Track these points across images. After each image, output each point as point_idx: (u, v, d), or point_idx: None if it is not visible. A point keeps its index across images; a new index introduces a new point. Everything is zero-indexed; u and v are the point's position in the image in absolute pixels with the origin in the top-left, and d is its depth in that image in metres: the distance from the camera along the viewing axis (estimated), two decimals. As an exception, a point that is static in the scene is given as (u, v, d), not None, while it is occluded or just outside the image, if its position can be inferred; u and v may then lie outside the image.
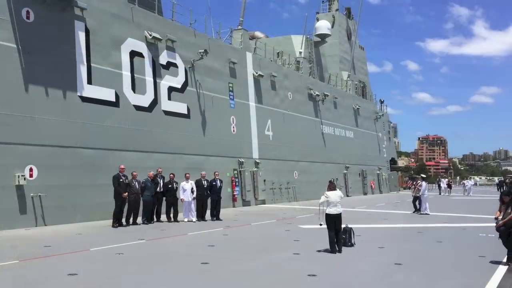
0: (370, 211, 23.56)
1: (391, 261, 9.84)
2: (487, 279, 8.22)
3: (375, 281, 8.21)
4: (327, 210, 10.94)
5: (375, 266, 9.54)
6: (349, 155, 40.56)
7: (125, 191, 15.60)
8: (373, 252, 11.21)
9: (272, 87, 30.46)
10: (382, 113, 51.38)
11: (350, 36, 49.25)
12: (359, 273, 8.83)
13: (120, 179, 15.65)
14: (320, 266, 9.32)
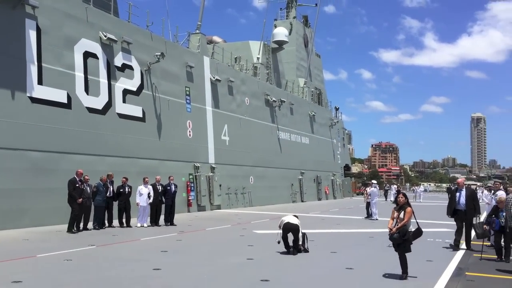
0: (324, 217, 23.90)
1: (342, 266, 10.01)
2: (433, 283, 8.50)
3: (326, 285, 8.33)
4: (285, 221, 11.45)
5: (327, 270, 9.68)
6: (304, 161, 41.06)
7: (80, 197, 15.08)
8: (326, 257, 11.38)
9: (229, 92, 30.47)
10: (337, 120, 52.39)
11: (307, 44, 50.01)
12: (312, 278, 8.93)
13: (76, 184, 15.16)
14: (273, 271, 9.37)
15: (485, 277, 9.13)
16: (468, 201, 12.49)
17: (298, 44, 48.00)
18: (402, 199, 8.99)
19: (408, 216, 8.73)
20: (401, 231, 8.71)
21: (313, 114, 44.38)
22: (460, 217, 12.68)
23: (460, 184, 13.13)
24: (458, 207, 12.66)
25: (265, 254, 11.39)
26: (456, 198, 12.71)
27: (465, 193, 12.66)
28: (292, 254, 11.24)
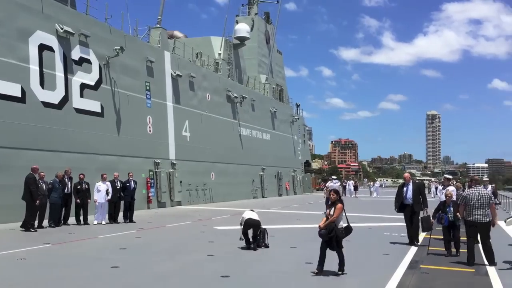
0: (284, 212, 24.13)
1: (302, 260, 10.15)
2: (390, 275, 8.74)
3: (286, 280, 8.43)
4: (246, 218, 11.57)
5: (287, 265, 9.79)
6: (265, 157, 41.28)
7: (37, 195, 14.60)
8: (286, 252, 11.50)
9: (190, 87, 30.24)
10: (298, 116, 52.92)
11: (268, 40, 50.20)
12: (272, 273, 9.01)
13: (36, 180, 14.67)
14: (234, 267, 9.40)
15: (439, 269, 9.45)
16: (415, 195, 12.54)
17: (260, 41, 48.13)
18: (334, 196, 8.86)
19: (338, 212, 8.61)
20: (328, 227, 8.59)
21: (274, 110, 44.65)
22: (407, 212, 12.74)
23: (407, 178, 13.10)
24: (405, 201, 12.69)
25: (226, 250, 11.41)
26: (404, 193, 12.73)
27: (412, 187, 12.67)
28: (252, 249, 11.32)
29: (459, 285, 8.28)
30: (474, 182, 10.87)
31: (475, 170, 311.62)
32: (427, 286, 8.16)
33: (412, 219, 12.60)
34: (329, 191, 9.40)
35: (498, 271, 9.32)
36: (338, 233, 8.62)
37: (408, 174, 13.68)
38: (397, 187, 13.90)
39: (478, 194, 10.12)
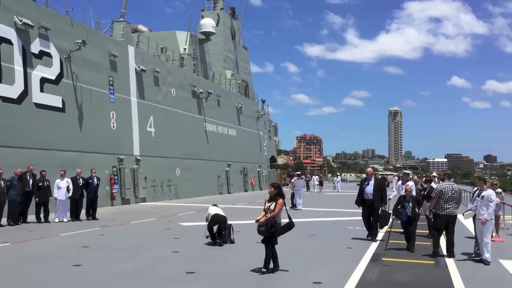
0: (250, 208, 24.20)
1: (267, 256, 10.21)
2: (353, 268, 8.92)
3: (252, 275, 8.47)
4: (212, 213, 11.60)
5: (253, 261, 9.81)
6: (231, 153, 41.24)
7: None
8: (252, 247, 11.53)
9: (155, 82, 29.85)
10: (263, 112, 53.05)
11: (234, 36, 50.06)
12: (238, 269, 9.03)
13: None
14: (199, 263, 9.38)
15: (400, 262, 9.71)
16: (376, 191, 12.44)
17: (226, 36, 47.94)
18: (271, 189, 8.59)
19: (279, 208, 8.38)
20: (268, 223, 8.34)
21: (240, 106, 44.63)
22: (367, 207, 12.68)
23: (369, 173, 12.95)
24: (365, 196, 12.59)
25: (191, 247, 11.36)
26: (364, 188, 12.67)
27: (373, 183, 12.59)
28: (218, 245, 11.33)
29: (419, 276, 8.52)
30: (448, 176, 11.17)
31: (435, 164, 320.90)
32: (388, 278, 8.37)
33: (372, 214, 12.53)
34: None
35: (456, 263, 9.66)
36: (278, 229, 8.40)
37: (371, 169, 13.44)
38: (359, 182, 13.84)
39: (452, 188, 10.48)
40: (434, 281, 8.24)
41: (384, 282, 8.08)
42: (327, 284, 7.80)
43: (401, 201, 11.27)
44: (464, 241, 12.08)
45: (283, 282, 8.11)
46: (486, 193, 9.87)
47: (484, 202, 9.79)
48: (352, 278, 8.14)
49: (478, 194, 10.13)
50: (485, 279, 8.46)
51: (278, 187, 8.67)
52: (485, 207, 9.77)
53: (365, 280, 8.12)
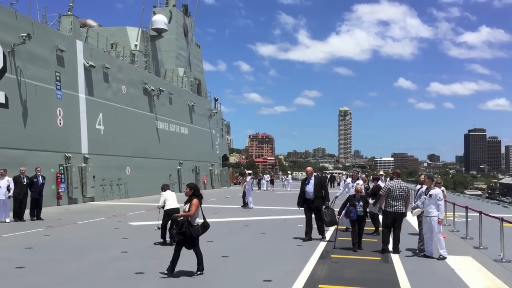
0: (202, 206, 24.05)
1: (218, 254, 10.23)
2: (303, 266, 9.07)
3: (203, 275, 8.44)
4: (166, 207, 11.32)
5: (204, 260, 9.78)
6: (183, 151, 40.88)
7: None
8: (202, 246, 11.40)
9: (104, 79, 29.14)
10: (216, 110, 52.91)
11: (187, 33, 49.60)
12: (188, 268, 8.96)
13: None
14: (149, 263, 9.26)
15: (348, 258, 9.95)
16: (316, 189, 12.24)
17: (178, 33, 47.40)
18: (187, 190, 8.41)
19: (194, 208, 8.17)
20: (178, 224, 8.10)
21: (192, 104, 44.29)
22: (309, 207, 12.39)
23: (308, 172, 12.70)
24: (307, 196, 12.36)
25: (141, 246, 11.20)
26: (305, 188, 12.42)
27: (313, 181, 12.35)
28: (169, 245, 11.11)
29: (366, 272, 8.78)
30: (396, 175, 11.55)
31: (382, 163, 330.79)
32: (337, 275, 8.57)
33: (314, 214, 12.31)
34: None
35: (401, 258, 10.01)
36: (192, 230, 8.12)
37: (311, 168, 13.11)
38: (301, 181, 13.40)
39: (399, 186, 10.83)
40: (380, 276, 8.51)
41: (333, 278, 8.26)
42: (277, 282, 7.90)
43: (351, 200, 11.28)
44: (408, 237, 12.53)
45: (233, 280, 8.14)
46: (434, 191, 10.27)
47: (432, 200, 10.19)
48: (302, 276, 8.28)
49: (426, 192, 10.51)
50: (428, 274, 8.81)
51: (194, 188, 8.51)
52: (433, 205, 10.16)
53: (314, 277, 8.27)
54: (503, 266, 9.43)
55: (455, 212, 15.36)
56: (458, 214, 15.40)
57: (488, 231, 11.62)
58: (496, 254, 10.24)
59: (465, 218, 13.85)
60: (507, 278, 8.35)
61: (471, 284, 7.93)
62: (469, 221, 13.61)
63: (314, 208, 12.27)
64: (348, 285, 7.78)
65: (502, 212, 19.79)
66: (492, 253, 10.56)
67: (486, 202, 33.40)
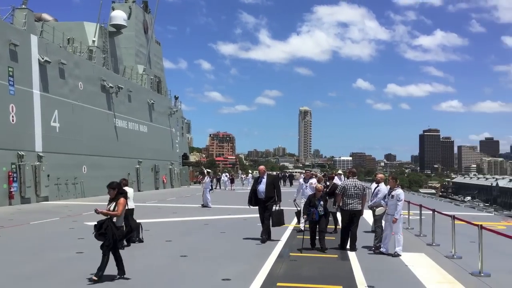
0: (160, 206, 23.83)
1: (177, 254, 10.15)
2: (261, 264, 9.12)
3: (160, 275, 8.36)
4: None
5: (161, 260, 9.70)
6: (142, 150, 40.27)
7: None
8: (161, 246, 11.39)
9: (60, 75, 28.32)
10: (176, 109, 52.38)
11: (146, 30, 48.85)
12: (145, 268, 8.86)
13: None
14: (105, 264, 9.06)
15: (306, 257, 10.07)
16: (268, 188, 11.91)
17: (138, 30, 46.61)
18: (111, 191, 7.90)
19: (121, 207, 7.71)
20: (97, 224, 7.55)
21: (152, 102, 43.69)
22: (261, 206, 12.06)
23: (261, 171, 12.39)
24: (259, 195, 11.99)
25: (97, 247, 10.92)
26: (257, 187, 12.09)
27: (265, 180, 12.03)
28: (126, 245, 10.90)
29: (324, 270, 8.91)
30: (352, 174, 11.78)
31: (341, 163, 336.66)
32: (295, 273, 8.66)
33: (265, 213, 11.98)
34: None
35: (358, 256, 10.23)
36: (117, 233, 7.59)
37: (263, 167, 12.83)
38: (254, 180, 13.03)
39: (354, 185, 11.07)
40: (337, 273, 8.66)
41: (291, 276, 8.34)
42: (236, 281, 7.91)
43: (312, 200, 11.09)
44: (363, 235, 12.80)
45: (192, 279, 8.09)
46: (396, 192, 10.55)
47: (394, 201, 10.48)
48: (260, 274, 8.32)
49: (389, 192, 10.76)
50: (383, 270, 9.04)
51: (117, 186, 8.01)
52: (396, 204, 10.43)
53: (273, 275, 8.33)
54: (454, 262, 9.79)
55: (409, 210, 15.81)
56: (413, 212, 15.86)
57: (441, 229, 12.02)
58: (448, 250, 10.62)
59: (419, 216, 14.31)
60: (458, 274, 8.68)
61: (423, 280, 8.19)
62: (423, 219, 14.07)
63: (264, 207, 11.94)
64: (306, 282, 7.88)
65: (454, 210, 20.54)
66: (444, 250, 10.95)
67: (439, 201, 34.58)
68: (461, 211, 22.16)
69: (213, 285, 7.73)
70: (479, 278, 8.36)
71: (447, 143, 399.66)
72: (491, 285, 7.90)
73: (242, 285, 7.59)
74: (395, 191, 10.57)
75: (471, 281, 8.16)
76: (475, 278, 8.36)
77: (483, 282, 8.11)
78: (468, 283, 8.03)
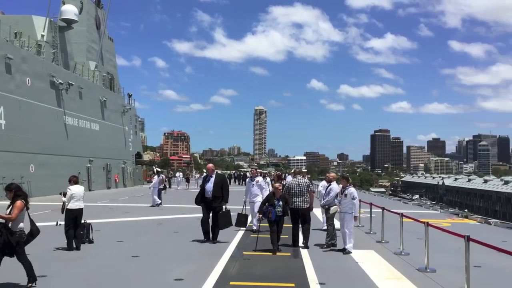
0: (112, 205, 23.33)
1: (128, 254, 9.98)
2: (215, 263, 9.10)
3: (110, 276, 8.19)
4: (69, 206, 10.50)
5: (112, 260, 9.51)
6: (93, 148, 39.26)
7: None
8: (112, 246, 11.16)
9: (6, 70, 27.19)
10: (129, 107, 51.42)
11: (99, 26, 47.64)
12: (95, 270, 8.67)
13: None
14: (53, 266, 8.82)
15: (259, 255, 10.12)
16: (216, 188, 11.59)
17: (90, 25, 45.36)
18: (8, 194, 7.37)
19: (17, 211, 7.14)
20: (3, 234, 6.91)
21: (104, 99, 42.67)
22: (207, 206, 11.70)
23: (209, 170, 12.20)
24: (206, 195, 11.68)
25: (45, 248, 10.59)
26: (205, 186, 11.77)
27: (214, 180, 11.71)
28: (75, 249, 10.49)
29: (277, 268, 8.99)
30: (296, 173, 12.05)
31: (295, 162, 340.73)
32: (248, 271, 8.70)
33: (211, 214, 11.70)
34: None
35: (310, 253, 10.39)
36: (12, 238, 6.98)
37: (212, 165, 12.65)
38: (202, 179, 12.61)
39: (298, 184, 11.27)
40: (289, 271, 8.76)
41: (244, 275, 8.37)
42: (188, 281, 7.86)
43: (270, 199, 10.78)
44: (316, 233, 13.02)
45: (144, 280, 7.97)
46: (349, 191, 10.82)
47: (348, 199, 10.74)
48: (213, 273, 8.31)
49: (342, 191, 11.01)
50: (334, 267, 9.23)
51: (16, 188, 7.40)
52: (349, 203, 10.72)
53: (226, 274, 8.34)
54: (402, 259, 10.12)
55: (360, 208, 16.18)
56: (363, 210, 16.25)
57: (390, 226, 12.39)
58: (396, 247, 10.97)
59: (369, 214, 14.69)
60: (405, 270, 8.98)
61: (372, 276, 8.42)
62: (373, 217, 14.47)
63: (211, 208, 11.64)
64: (259, 281, 7.93)
65: (402, 208, 21.22)
66: (392, 247, 11.30)
67: (389, 199, 35.68)
68: (409, 209, 22.94)
69: (165, 285, 7.66)
70: (425, 273, 8.68)
71: (396, 143, 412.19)
72: (436, 280, 8.22)
73: (195, 285, 7.56)
74: (348, 189, 10.83)
75: (418, 277, 8.47)
76: (421, 274, 8.68)
77: (428, 277, 8.43)
78: (415, 278, 8.32)
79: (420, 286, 7.84)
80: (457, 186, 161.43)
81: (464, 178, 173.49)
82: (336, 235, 11.29)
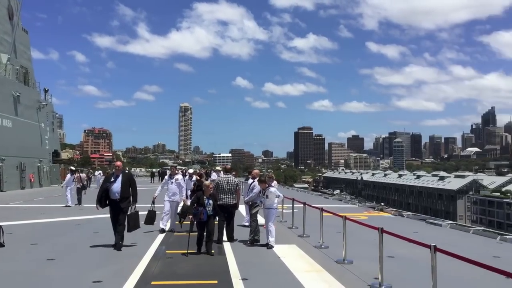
0: (26, 206, 22.10)
1: (43, 257, 9.51)
2: (136, 264, 8.90)
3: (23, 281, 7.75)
4: None
5: (25, 264, 9.00)
6: (5, 146, 36.85)
7: None
8: (25, 250, 10.57)
9: None
10: (46, 102, 48.82)
11: (12, 16, 44.71)
12: (6, 275, 8.16)
13: None
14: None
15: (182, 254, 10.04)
16: (124, 188, 10.55)
17: (1, 16, 42.47)
18: None
19: None
20: None
21: (17, 95, 40.14)
22: (114, 208, 10.63)
23: (119, 167, 11.04)
24: (112, 196, 10.52)
25: None
26: (110, 186, 10.58)
27: (121, 179, 10.64)
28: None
29: (200, 266, 8.96)
30: (226, 170, 12.25)
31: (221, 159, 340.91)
32: (170, 270, 8.59)
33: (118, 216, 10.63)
34: None
35: (233, 250, 10.48)
36: None
37: (120, 163, 11.54)
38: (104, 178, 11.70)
39: (227, 181, 11.51)
40: (213, 268, 8.77)
41: (167, 274, 8.26)
42: (108, 282, 7.62)
43: (200, 198, 10.17)
44: (241, 229, 13.14)
45: (61, 283, 7.63)
46: (269, 191, 11.13)
47: (270, 198, 11.04)
48: (134, 274, 8.12)
49: (263, 192, 11.23)
50: (257, 263, 9.36)
51: None
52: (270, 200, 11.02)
53: (148, 274, 8.18)
54: (321, 252, 10.49)
55: (283, 204, 16.56)
56: (286, 206, 16.64)
57: (311, 221, 12.78)
58: (316, 241, 11.35)
59: (291, 210, 15.07)
60: (324, 262, 9.32)
61: (293, 269, 8.66)
62: (295, 212, 14.86)
63: (117, 209, 10.61)
64: (181, 279, 7.86)
65: (323, 203, 21.98)
66: (313, 241, 11.67)
67: (311, 194, 36.78)
68: (329, 204, 23.81)
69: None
70: (342, 265, 9.06)
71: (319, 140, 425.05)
72: (353, 271, 8.60)
73: (115, 287, 7.34)
74: (268, 190, 11.11)
75: (336, 268, 8.82)
76: (339, 266, 9.04)
77: (346, 269, 8.80)
78: (333, 270, 8.65)
79: (338, 277, 8.16)
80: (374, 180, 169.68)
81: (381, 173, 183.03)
82: (259, 230, 11.46)
